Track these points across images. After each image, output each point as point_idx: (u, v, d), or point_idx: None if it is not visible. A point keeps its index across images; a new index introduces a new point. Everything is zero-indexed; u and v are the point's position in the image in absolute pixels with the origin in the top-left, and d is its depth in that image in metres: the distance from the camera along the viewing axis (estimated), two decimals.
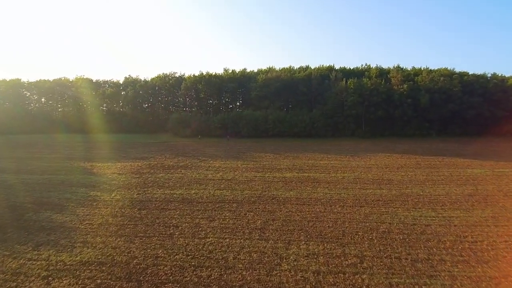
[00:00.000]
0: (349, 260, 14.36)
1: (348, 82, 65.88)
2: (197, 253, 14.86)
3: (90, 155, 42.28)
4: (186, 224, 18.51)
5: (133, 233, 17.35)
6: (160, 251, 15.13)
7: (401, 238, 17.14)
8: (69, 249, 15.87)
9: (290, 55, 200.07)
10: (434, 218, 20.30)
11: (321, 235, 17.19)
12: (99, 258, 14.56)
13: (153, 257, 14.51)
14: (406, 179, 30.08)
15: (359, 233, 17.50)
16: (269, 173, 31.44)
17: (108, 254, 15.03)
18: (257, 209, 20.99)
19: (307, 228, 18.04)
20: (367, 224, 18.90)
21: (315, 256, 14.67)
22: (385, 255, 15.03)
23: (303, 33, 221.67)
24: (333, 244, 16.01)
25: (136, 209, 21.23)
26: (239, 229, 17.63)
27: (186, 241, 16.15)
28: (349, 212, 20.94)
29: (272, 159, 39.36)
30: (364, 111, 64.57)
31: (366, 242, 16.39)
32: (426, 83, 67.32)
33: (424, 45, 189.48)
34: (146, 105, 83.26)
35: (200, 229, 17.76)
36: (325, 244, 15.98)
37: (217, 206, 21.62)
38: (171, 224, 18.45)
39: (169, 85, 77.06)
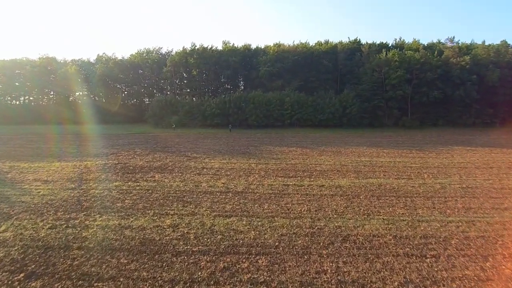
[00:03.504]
0: None
1: (390, 53, 53.93)
2: None
3: (22, 152, 30.44)
4: None
5: None
6: None
7: None
8: None
9: (297, 33, 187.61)
10: None
11: None
12: None
13: None
14: None
15: None
16: (308, 179, 19.60)
17: None
18: (324, 277, 9.11)
19: None
20: None
21: None
22: None
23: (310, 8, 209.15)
24: None
25: (21, 274, 9.39)
26: None
27: None
28: None
29: (301, 155, 27.59)
30: (412, 91, 52.72)
31: None
32: (490, 57, 55.63)
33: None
34: (124, 87, 71.36)
35: None
36: None
37: (222, 265, 9.71)
38: None
39: (151, 62, 65.03)
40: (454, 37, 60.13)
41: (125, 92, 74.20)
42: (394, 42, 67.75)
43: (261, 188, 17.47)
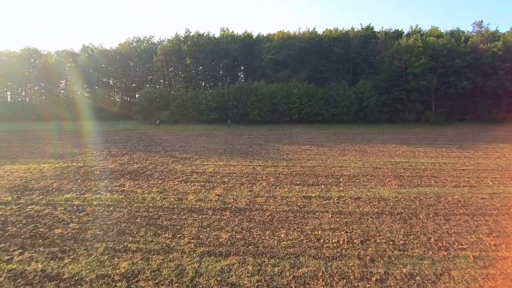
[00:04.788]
0: None
1: (412, 38, 49.08)
2: None
3: None
4: None
5: None
6: None
7: None
8: None
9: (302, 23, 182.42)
10: None
11: None
12: None
13: None
14: None
15: None
16: (335, 187, 14.79)
17: None
18: None
19: None
20: None
21: None
22: None
23: None
24: None
25: None
26: None
27: None
28: None
29: (318, 155, 22.82)
30: (437, 82, 47.86)
31: None
32: None
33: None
34: (111, 81, 66.68)
35: None
36: None
37: None
38: None
39: (140, 51, 60.19)
40: (482, 21, 55.07)
41: (116, 89, 69.63)
42: (410, 29, 62.65)
43: (272, 202, 12.65)
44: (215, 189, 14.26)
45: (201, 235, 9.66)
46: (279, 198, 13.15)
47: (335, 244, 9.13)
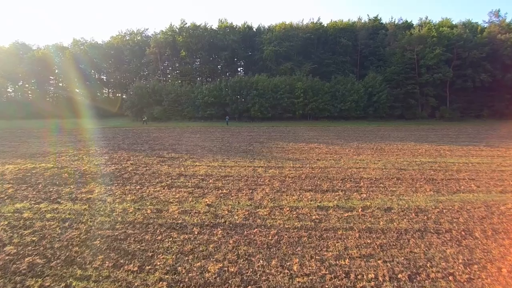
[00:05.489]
0: None
1: (425, 28, 46.28)
2: None
3: None
4: None
5: None
6: None
7: None
8: None
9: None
10: None
11: None
12: None
13: None
14: None
15: None
16: (356, 194, 12.11)
17: None
18: None
19: None
20: None
21: None
22: None
23: None
24: None
25: None
26: None
27: None
28: None
29: (330, 154, 20.17)
30: (453, 75, 45.10)
31: None
32: None
33: None
34: (103, 76, 63.98)
35: None
36: None
37: None
38: None
39: (133, 44, 57.38)
40: (499, 10, 52.21)
41: (109, 85, 66.91)
42: (420, 21, 59.62)
43: (278, 215, 9.94)
44: (205, 197, 11.55)
45: (179, 267, 6.95)
46: (287, 209, 10.44)
47: (372, 283, 6.41)
